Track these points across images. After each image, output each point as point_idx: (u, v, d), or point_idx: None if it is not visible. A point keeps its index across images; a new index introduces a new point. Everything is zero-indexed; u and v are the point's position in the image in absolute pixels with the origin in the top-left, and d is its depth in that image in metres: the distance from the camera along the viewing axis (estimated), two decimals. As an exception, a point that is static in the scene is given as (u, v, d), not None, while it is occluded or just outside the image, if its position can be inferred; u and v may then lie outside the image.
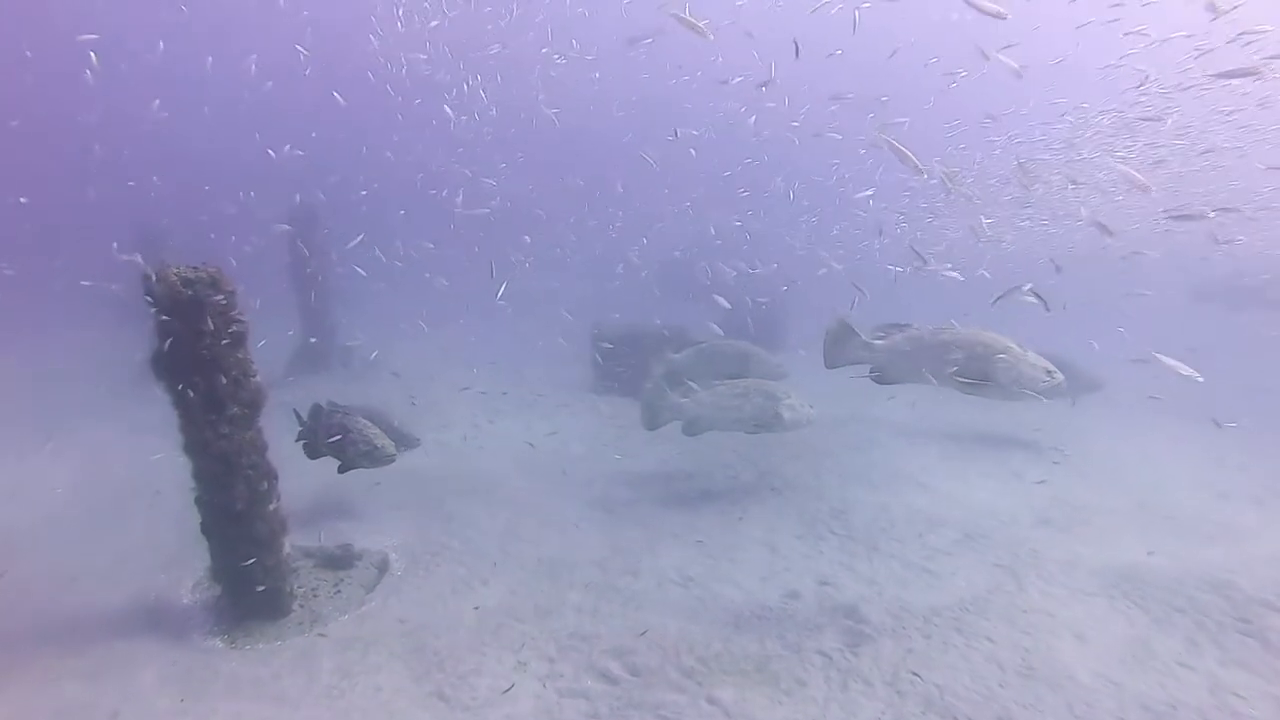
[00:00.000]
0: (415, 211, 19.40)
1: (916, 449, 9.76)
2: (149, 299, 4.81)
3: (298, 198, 14.09)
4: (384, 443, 6.69)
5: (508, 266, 16.42)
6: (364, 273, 12.93)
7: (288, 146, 14.99)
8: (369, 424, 6.83)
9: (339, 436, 6.57)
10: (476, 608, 5.77)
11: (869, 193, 14.28)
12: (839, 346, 6.71)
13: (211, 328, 4.90)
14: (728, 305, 10.52)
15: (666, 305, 14.06)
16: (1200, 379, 5.09)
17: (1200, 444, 10.01)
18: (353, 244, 11.35)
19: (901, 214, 18.72)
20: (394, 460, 6.79)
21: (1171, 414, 10.99)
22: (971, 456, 9.56)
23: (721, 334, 10.44)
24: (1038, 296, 5.54)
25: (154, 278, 4.78)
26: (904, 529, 7.15)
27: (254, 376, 5.26)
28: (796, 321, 16.39)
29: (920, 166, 6.34)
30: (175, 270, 4.80)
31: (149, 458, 8.09)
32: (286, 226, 13.42)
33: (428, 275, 15.23)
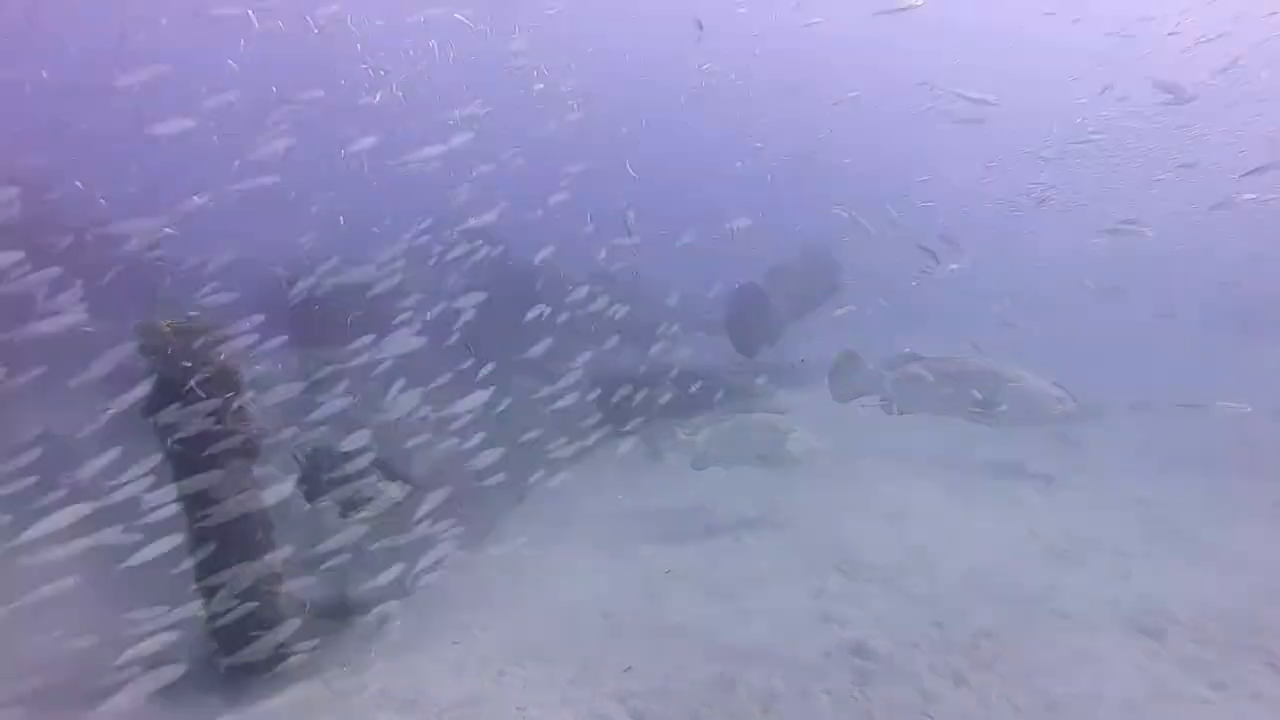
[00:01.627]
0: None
1: (921, 480, 9.60)
2: (140, 349, 4.78)
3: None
4: (387, 485, 6.60)
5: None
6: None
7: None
8: (372, 467, 6.73)
9: (340, 480, 6.47)
10: (455, 642, 5.67)
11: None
12: (847, 379, 6.67)
13: (202, 377, 4.84)
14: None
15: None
16: (1249, 409, 5.07)
17: (1205, 467, 9.85)
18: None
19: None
20: (398, 503, 6.69)
21: (1174, 438, 10.88)
22: (977, 487, 9.39)
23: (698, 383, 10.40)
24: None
25: (144, 327, 4.74)
26: (910, 562, 7.00)
27: (248, 424, 5.19)
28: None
29: (870, 229, 6.44)
30: (166, 321, 4.77)
31: (132, 513, 7.94)
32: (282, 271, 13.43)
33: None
